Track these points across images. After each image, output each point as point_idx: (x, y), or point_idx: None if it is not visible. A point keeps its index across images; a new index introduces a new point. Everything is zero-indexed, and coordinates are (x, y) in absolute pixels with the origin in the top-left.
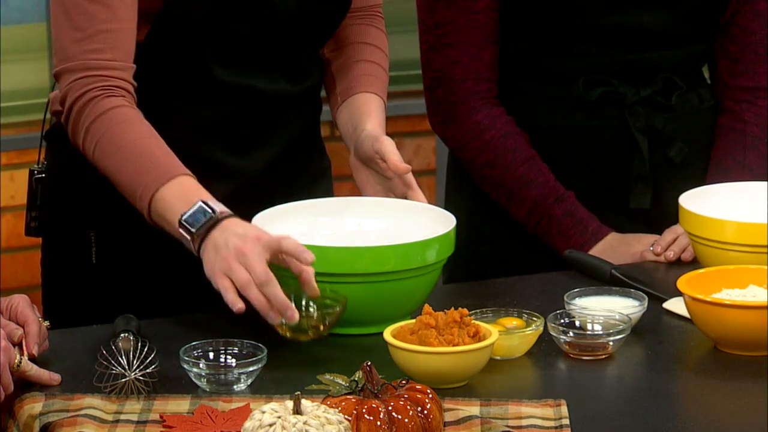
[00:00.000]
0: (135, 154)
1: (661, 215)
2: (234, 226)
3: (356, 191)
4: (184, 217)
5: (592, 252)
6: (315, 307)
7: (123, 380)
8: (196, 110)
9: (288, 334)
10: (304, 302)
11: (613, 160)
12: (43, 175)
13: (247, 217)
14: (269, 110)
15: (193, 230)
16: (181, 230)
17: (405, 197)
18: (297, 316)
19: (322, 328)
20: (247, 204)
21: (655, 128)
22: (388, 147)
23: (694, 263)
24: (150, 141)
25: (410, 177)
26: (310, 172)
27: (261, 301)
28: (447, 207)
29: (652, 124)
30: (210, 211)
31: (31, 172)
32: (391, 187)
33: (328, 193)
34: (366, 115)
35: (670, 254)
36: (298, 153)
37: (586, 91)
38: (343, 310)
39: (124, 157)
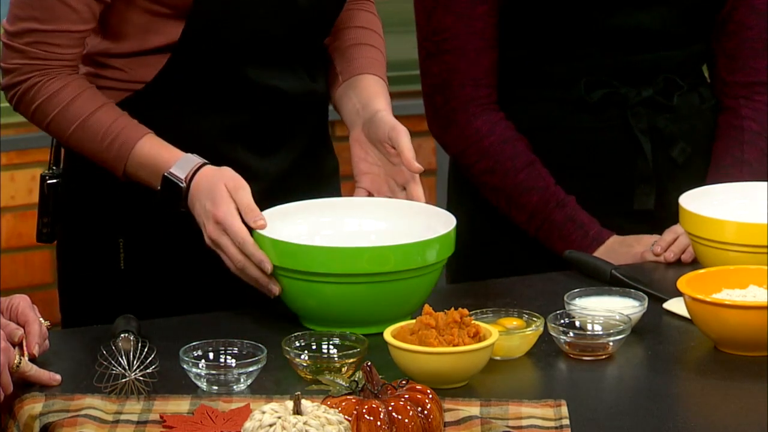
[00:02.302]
0: (95, 126)
1: (665, 216)
2: (199, 193)
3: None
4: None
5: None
6: (336, 350)
7: (123, 380)
8: (225, 112)
9: (309, 378)
10: (325, 346)
11: (615, 161)
12: (56, 180)
13: None
14: (292, 109)
15: (174, 206)
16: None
17: (405, 187)
18: (270, 266)
19: (343, 371)
20: (267, 204)
21: (658, 129)
22: (404, 141)
23: (694, 263)
24: (105, 111)
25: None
26: (324, 171)
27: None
28: (448, 207)
29: (654, 125)
30: (176, 181)
31: (43, 178)
32: (393, 173)
33: (338, 190)
34: (375, 96)
35: (670, 255)
36: (315, 151)
37: (588, 93)
38: (364, 353)
39: (84, 131)
